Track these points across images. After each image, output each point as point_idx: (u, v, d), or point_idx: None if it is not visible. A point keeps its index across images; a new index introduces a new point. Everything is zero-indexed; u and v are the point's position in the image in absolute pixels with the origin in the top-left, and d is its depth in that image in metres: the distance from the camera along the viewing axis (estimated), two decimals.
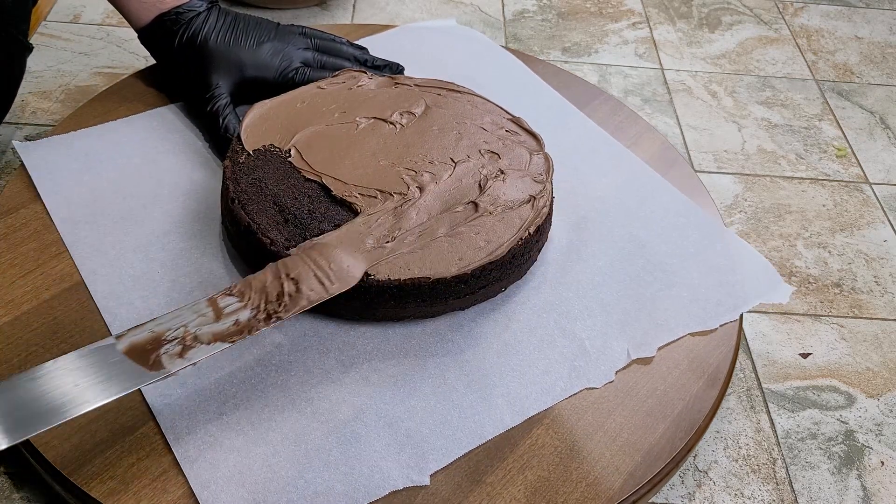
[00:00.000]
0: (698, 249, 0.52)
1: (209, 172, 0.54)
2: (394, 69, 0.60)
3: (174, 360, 0.37)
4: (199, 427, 0.40)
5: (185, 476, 0.38)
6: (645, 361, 0.45)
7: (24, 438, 0.33)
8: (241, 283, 0.40)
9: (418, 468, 0.39)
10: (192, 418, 0.40)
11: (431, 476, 0.39)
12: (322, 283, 0.41)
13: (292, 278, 0.41)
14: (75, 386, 0.35)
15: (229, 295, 0.40)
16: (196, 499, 0.37)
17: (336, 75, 0.56)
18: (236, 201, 0.46)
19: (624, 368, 0.45)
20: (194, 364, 0.37)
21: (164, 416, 0.40)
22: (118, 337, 0.37)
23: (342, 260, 0.42)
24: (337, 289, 0.41)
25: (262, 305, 0.39)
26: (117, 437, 0.39)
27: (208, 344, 0.38)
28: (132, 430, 0.39)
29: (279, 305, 0.40)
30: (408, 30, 0.68)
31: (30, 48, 0.56)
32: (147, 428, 0.40)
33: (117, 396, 0.35)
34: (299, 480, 0.38)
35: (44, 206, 0.50)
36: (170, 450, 0.39)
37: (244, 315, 0.39)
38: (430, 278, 0.43)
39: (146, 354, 0.36)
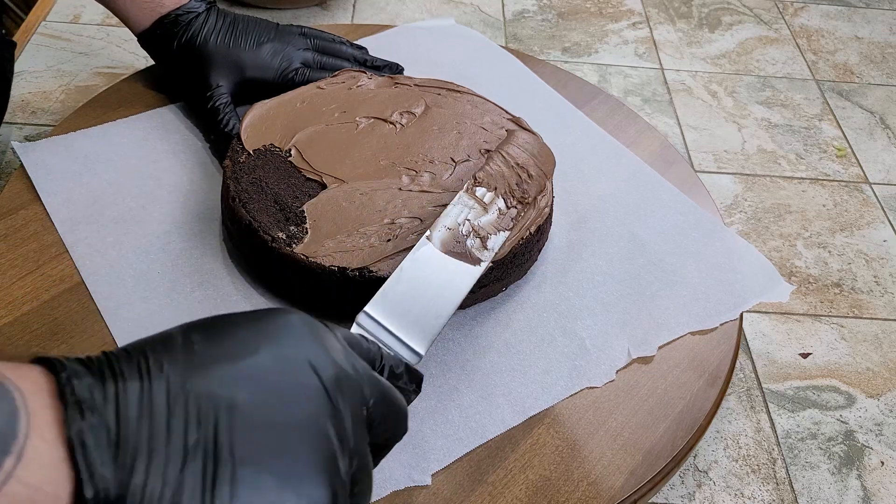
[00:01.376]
0: (698, 248, 0.52)
1: (209, 173, 0.54)
2: (393, 69, 0.60)
3: (482, 251, 0.42)
4: None
5: None
6: (645, 360, 0.45)
7: (426, 348, 0.37)
8: (482, 173, 0.45)
9: (419, 468, 0.39)
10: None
11: (433, 476, 0.39)
12: (539, 168, 0.47)
13: (521, 166, 0.46)
14: (432, 289, 0.39)
15: (479, 185, 0.45)
16: None
17: (336, 75, 0.56)
18: (237, 200, 0.46)
19: (624, 367, 0.45)
20: (496, 253, 0.43)
21: None
22: (427, 238, 0.41)
23: (540, 145, 0.49)
24: (549, 169, 0.48)
25: (508, 192, 0.45)
26: None
27: (496, 234, 0.43)
28: None
29: (523, 192, 0.46)
30: (406, 30, 0.68)
31: (13, 44, 0.56)
32: None
33: (469, 288, 0.40)
34: None
35: (43, 206, 0.50)
36: None
37: (501, 204, 0.45)
38: None
39: (460, 249, 0.42)
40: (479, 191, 0.44)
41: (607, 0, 0.87)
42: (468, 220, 0.43)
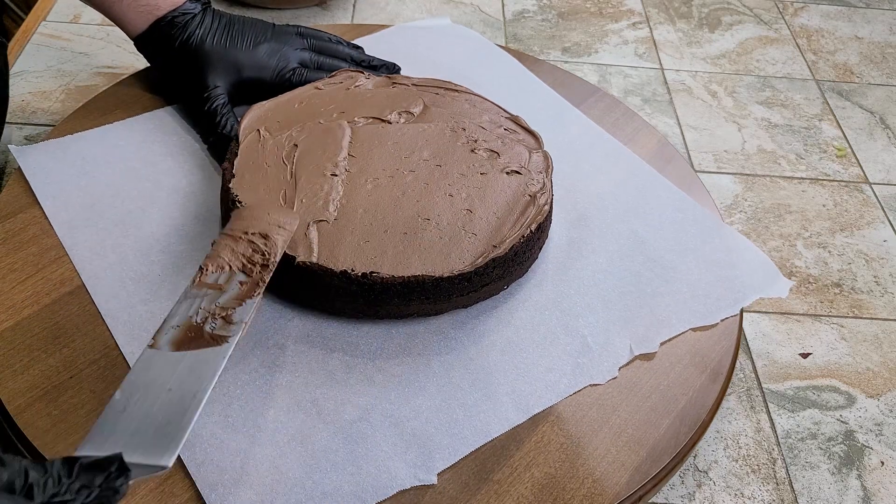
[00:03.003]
0: (697, 245, 0.52)
1: (207, 175, 0.54)
2: (390, 69, 0.60)
3: (228, 326, 0.37)
4: (204, 429, 0.39)
5: (192, 479, 0.38)
6: (647, 357, 0.45)
7: (175, 455, 0.31)
8: (209, 259, 0.40)
9: (425, 467, 0.39)
10: (197, 421, 0.39)
11: (438, 475, 0.39)
12: (279, 228, 0.42)
13: (253, 233, 0.42)
14: (169, 391, 0.33)
15: (207, 274, 0.40)
16: (204, 501, 0.37)
17: (333, 76, 0.56)
18: (237, 202, 0.46)
19: (627, 365, 0.45)
20: (247, 324, 0.37)
21: None
22: (151, 346, 0.36)
23: (280, 214, 0.44)
24: (292, 228, 0.42)
25: (246, 263, 0.40)
26: None
27: (242, 305, 0.38)
28: None
29: (263, 256, 0.41)
30: (403, 29, 0.68)
31: (4, 44, 0.56)
32: None
33: (216, 378, 0.34)
34: (307, 481, 0.38)
35: (42, 210, 0.49)
36: None
37: (241, 276, 0.40)
38: (433, 276, 0.43)
39: (197, 339, 0.36)
40: (210, 277, 0.40)
41: (607, 0, 0.87)
42: (201, 308, 0.38)
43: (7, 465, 0.25)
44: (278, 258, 0.41)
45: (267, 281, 0.40)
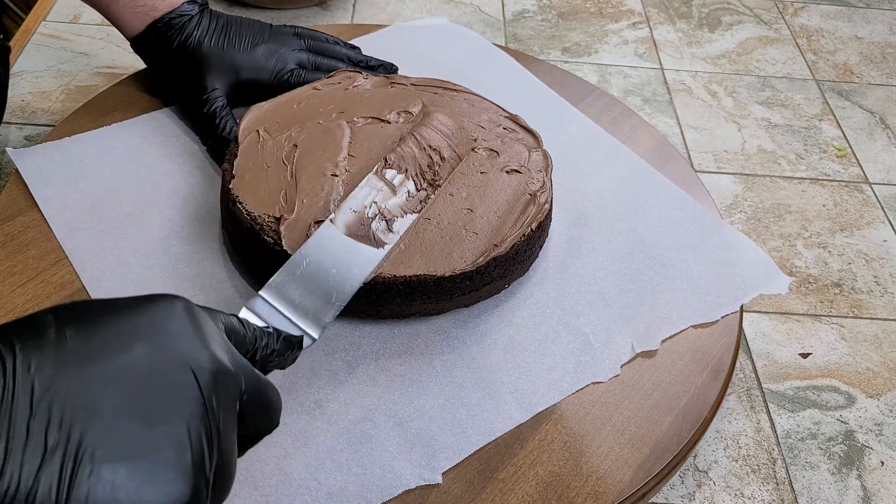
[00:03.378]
0: (697, 242, 0.52)
1: (206, 176, 0.54)
2: (388, 69, 0.60)
3: (387, 234, 0.43)
4: None
5: None
6: (649, 355, 0.45)
7: (328, 324, 0.38)
8: (393, 154, 0.46)
9: (430, 467, 0.39)
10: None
11: (443, 474, 0.39)
12: (454, 150, 0.48)
13: (434, 148, 0.47)
14: (333, 273, 0.40)
15: (389, 167, 0.45)
16: None
17: (331, 76, 0.56)
18: (238, 203, 0.46)
19: (628, 362, 0.45)
20: (401, 236, 0.43)
21: None
22: (332, 221, 0.42)
23: (457, 127, 0.49)
24: (463, 151, 0.48)
25: (419, 175, 0.46)
26: None
27: (403, 217, 0.44)
28: None
29: (434, 174, 0.46)
30: (400, 29, 0.68)
31: (7, 49, 0.56)
32: None
33: (373, 269, 0.41)
34: (312, 482, 0.38)
35: (41, 213, 0.49)
36: None
37: (411, 186, 0.45)
38: (435, 275, 0.43)
39: (363, 232, 0.42)
40: (389, 173, 0.45)
41: (607, 0, 0.87)
42: (375, 202, 0.43)
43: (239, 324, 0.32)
44: (443, 182, 0.46)
45: (429, 202, 0.45)
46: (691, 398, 0.44)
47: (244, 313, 0.36)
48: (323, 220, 0.45)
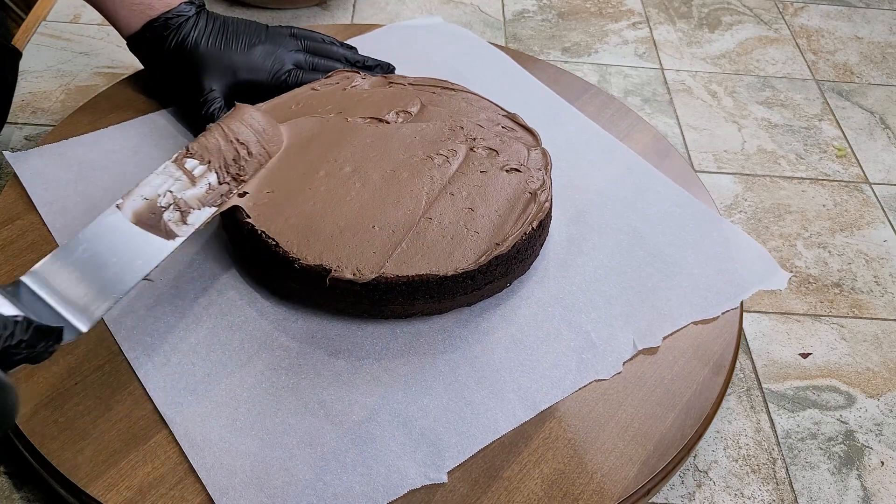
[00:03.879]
0: (696, 239, 0.52)
1: None
2: (385, 69, 0.60)
3: (180, 226, 0.40)
4: (213, 433, 0.39)
5: (202, 484, 0.38)
6: (651, 351, 0.46)
7: (99, 318, 0.34)
8: (196, 144, 0.43)
9: (435, 466, 0.39)
10: (205, 425, 0.40)
11: (448, 473, 0.39)
12: (263, 146, 0.45)
13: (241, 142, 0.44)
14: (113, 262, 0.36)
15: (190, 157, 0.42)
16: None
17: (329, 76, 0.56)
18: (238, 205, 0.46)
19: (631, 359, 0.45)
20: (196, 228, 0.40)
21: (177, 424, 0.40)
22: (118, 206, 0.39)
23: (267, 123, 0.47)
24: (275, 150, 0.45)
25: (223, 167, 0.43)
26: (130, 448, 0.39)
27: (199, 209, 0.41)
28: (145, 439, 0.39)
29: (239, 169, 0.43)
30: (396, 29, 0.68)
31: (18, 53, 0.56)
32: (160, 437, 0.39)
33: (157, 264, 0.38)
34: (318, 483, 0.38)
35: (39, 216, 0.49)
36: (185, 458, 0.38)
37: (212, 178, 0.42)
38: (437, 274, 0.43)
39: (154, 222, 0.39)
40: (190, 163, 0.42)
41: (607, 0, 0.87)
42: (170, 191, 0.41)
43: None
44: (248, 178, 0.43)
45: (230, 198, 0.42)
46: (693, 394, 0.44)
47: None
48: (324, 222, 0.45)
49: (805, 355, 0.54)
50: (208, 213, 0.41)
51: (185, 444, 0.39)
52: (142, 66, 0.59)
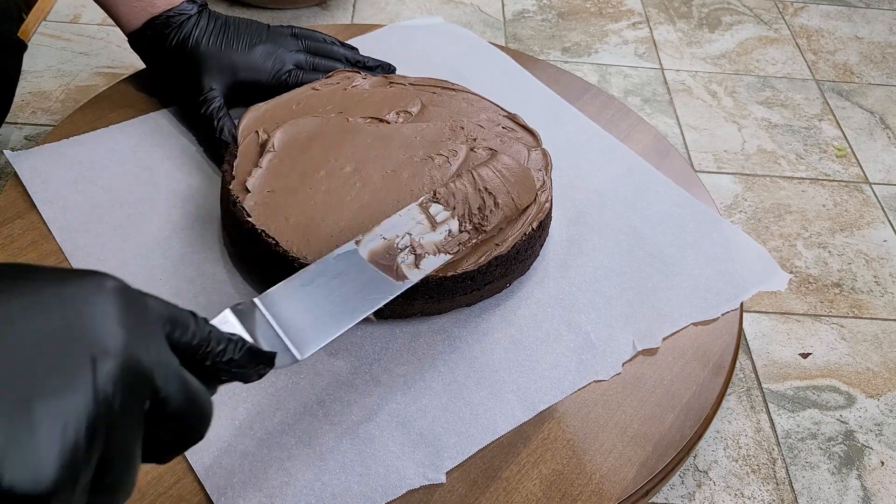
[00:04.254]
0: (696, 239, 0.52)
1: (205, 177, 0.53)
2: (385, 69, 0.60)
3: (412, 269, 0.40)
4: (211, 433, 0.39)
5: (201, 483, 0.38)
6: (650, 352, 0.46)
7: (317, 349, 0.34)
8: (444, 189, 0.43)
9: (434, 466, 0.39)
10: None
11: (447, 474, 0.39)
12: (511, 198, 0.45)
13: (489, 192, 0.44)
14: (338, 296, 0.37)
15: (435, 202, 0.43)
16: None
17: (330, 76, 0.56)
18: (239, 204, 0.46)
19: (630, 360, 0.45)
20: (427, 273, 0.40)
21: None
22: (357, 242, 0.39)
23: (525, 176, 0.46)
24: (523, 202, 0.45)
25: (466, 216, 0.43)
26: None
27: (434, 255, 0.41)
28: None
29: (482, 219, 0.43)
30: (396, 29, 0.68)
31: (24, 45, 0.56)
32: None
33: (383, 303, 0.38)
34: (316, 483, 0.38)
35: (40, 215, 0.49)
36: (183, 457, 0.38)
37: (454, 226, 0.42)
38: (437, 274, 0.43)
39: (387, 262, 0.39)
40: (434, 208, 0.42)
41: (607, 0, 0.87)
42: (409, 234, 0.41)
43: (202, 327, 0.28)
44: (490, 229, 0.43)
45: (469, 248, 0.42)
46: (693, 395, 0.44)
47: (227, 315, 0.32)
48: (324, 222, 0.45)
49: (805, 355, 0.54)
50: (443, 259, 0.41)
51: None
52: (142, 66, 0.59)
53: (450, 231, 0.42)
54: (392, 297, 0.39)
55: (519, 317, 0.46)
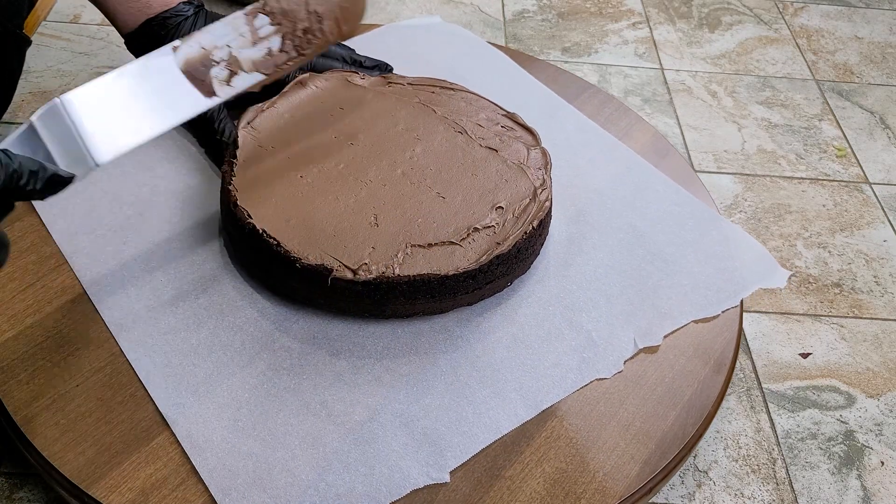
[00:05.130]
0: (695, 237, 0.52)
1: (205, 178, 0.53)
2: (383, 69, 0.60)
3: (223, 86, 0.38)
4: (215, 434, 0.39)
5: (205, 484, 0.38)
6: (651, 350, 0.46)
7: (121, 152, 0.34)
8: (274, 4, 0.41)
9: (437, 466, 0.39)
10: (207, 426, 0.40)
11: (451, 473, 0.39)
12: (339, 25, 0.43)
13: (319, 15, 0.42)
14: (147, 101, 0.35)
15: (263, 13, 0.40)
16: None
17: (328, 76, 0.56)
18: (239, 205, 0.46)
19: (632, 358, 0.45)
20: (238, 91, 0.38)
21: (179, 425, 0.40)
22: (174, 48, 0.37)
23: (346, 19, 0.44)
24: (348, 31, 0.43)
25: (290, 36, 0.41)
26: (132, 449, 0.39)
27: (248, 73, 0.39)
28: (147, 440, 0.39)
29: (306, 42, 0.41)
30: (394, 28, 0.68)
31: (28, 41, 0.56)
32: (162, 438, 0.39)
33: (187, 118, 0.36)
34: (320, 483, 0.38)
35: (39, 217, 0.49)
36: (187, 459, 0.39)
37: (275, 44, 0.40)
38: (439, 274, 0.43)
39: (200, 74, 0.38)
40: (260, 20, 0.40)
41: (607, 0, 0.87)
42: (228, 45, 0.39)
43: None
44: (308, 54, 0.41)
45: (283, 72, 0.40)
46: (694, 393, 0.44)
47: (31, 125, 0.32)
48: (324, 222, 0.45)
49: (805, 355, 0.54)
50: (256, 78, 0.39)
51: (187, 446, 0.39)
52: None
53: (269, 49, 0.40)
54: (199, 112, 0.37)
55: (520, 315, 0.46)
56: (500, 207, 0.47)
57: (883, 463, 0.48)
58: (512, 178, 0.49)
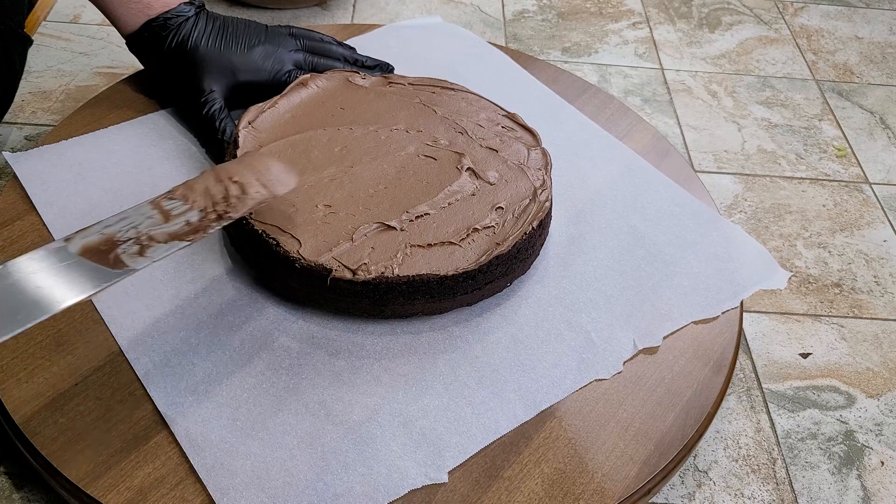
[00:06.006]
0: (696, 238, 0.52)
1: None
2: (384, 69, 0.60)
3: (135, 258, 0.36)
4: (213, 434, 0.39)
5: (203, 484, 0.38)
6: (651, 351, 0.46)
7: (7, 337, 0.31)
8: (182, 186, 0.40)
9: (436, 466, 0.39)
10: (205, 425, 0.40)
11: (449, 473, 0.39)
12: (265, 186, 0.41)
13: (236, 181, 0.41)
14: (37, 288, 0.33)
15: (171, 199, 0.39)
16: None
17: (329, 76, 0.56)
18: None
19: (631, 359, 0.45)
20: (155, 262, 0.36)
21: (178, 424, 0.40)
22: (67, 240, 0.35)
23: (278, 167, 0.43)
24: (281, 191, 0.42)
25: (210, 207, 0.39)
26: (131, 448, 0.39)
27: (166, 243, 0.37)
28: (145, 439, 0.39)
29: (227, 206, 0.40)
30: (394, 28, 0.68)
31: (29, 40, 0.56)
32: (161, 437, 0.39)
33: (90, 294, 0.34)
34: (318, 483, 0.38)
35: (39, 216, 0.49)
36: (185, 458, 0.39)
37: (193, 216, 0.39)
38: (438, 274, 0.43)
39: (103, 255, 0.35)
40: (169, 203, 0.39)
41: (607, 0, 0.87)
42: (135, 227, 0.38)
43: None
44: (237, 216, 0.40)
45: (208, 233, 0.39)
46: (694, 394, 0.44)
47: None
48: (324, 221, 0.45)
49: (805, 355, 0.54)
50: (177, 246, 0.37)
51: (185, 445, 0.39)
52: (142, 66, 0.59)
53: (187, 221, 0.39)
54: (107, 285, 0.34)
55: (520, 316, 0.46)
56: (499, 208, 0.47)
57: (883, 463, 0.48)
58: (512, 179, 0.49)
